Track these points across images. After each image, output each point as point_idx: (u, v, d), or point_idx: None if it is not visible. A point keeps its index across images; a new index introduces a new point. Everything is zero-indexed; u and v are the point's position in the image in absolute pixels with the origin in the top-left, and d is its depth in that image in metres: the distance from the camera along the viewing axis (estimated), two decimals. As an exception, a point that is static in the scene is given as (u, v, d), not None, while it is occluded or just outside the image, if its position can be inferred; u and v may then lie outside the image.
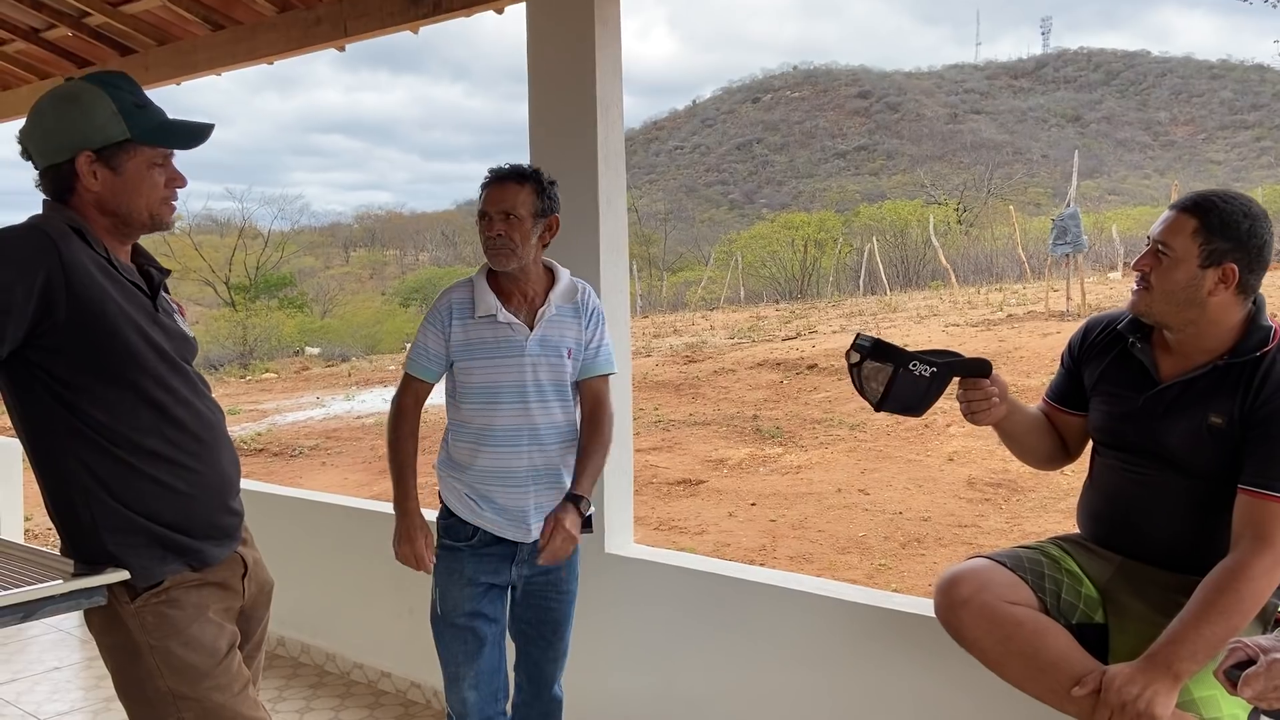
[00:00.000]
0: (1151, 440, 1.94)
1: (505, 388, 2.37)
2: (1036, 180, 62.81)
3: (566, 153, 2.93)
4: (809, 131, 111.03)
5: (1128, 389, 2.00)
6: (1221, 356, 1.88)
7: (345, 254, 68.88)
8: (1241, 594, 1.72)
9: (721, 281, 28.98)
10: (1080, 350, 2.15)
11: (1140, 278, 1.93)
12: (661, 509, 7.18)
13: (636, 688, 2.98)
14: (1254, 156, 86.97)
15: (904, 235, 29.11)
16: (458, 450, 2.46)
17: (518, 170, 2.38)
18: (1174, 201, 1.94)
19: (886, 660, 2.47)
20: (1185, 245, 1.86)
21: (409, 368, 2.46)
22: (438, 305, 2.43)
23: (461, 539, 2.44)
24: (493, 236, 2.34)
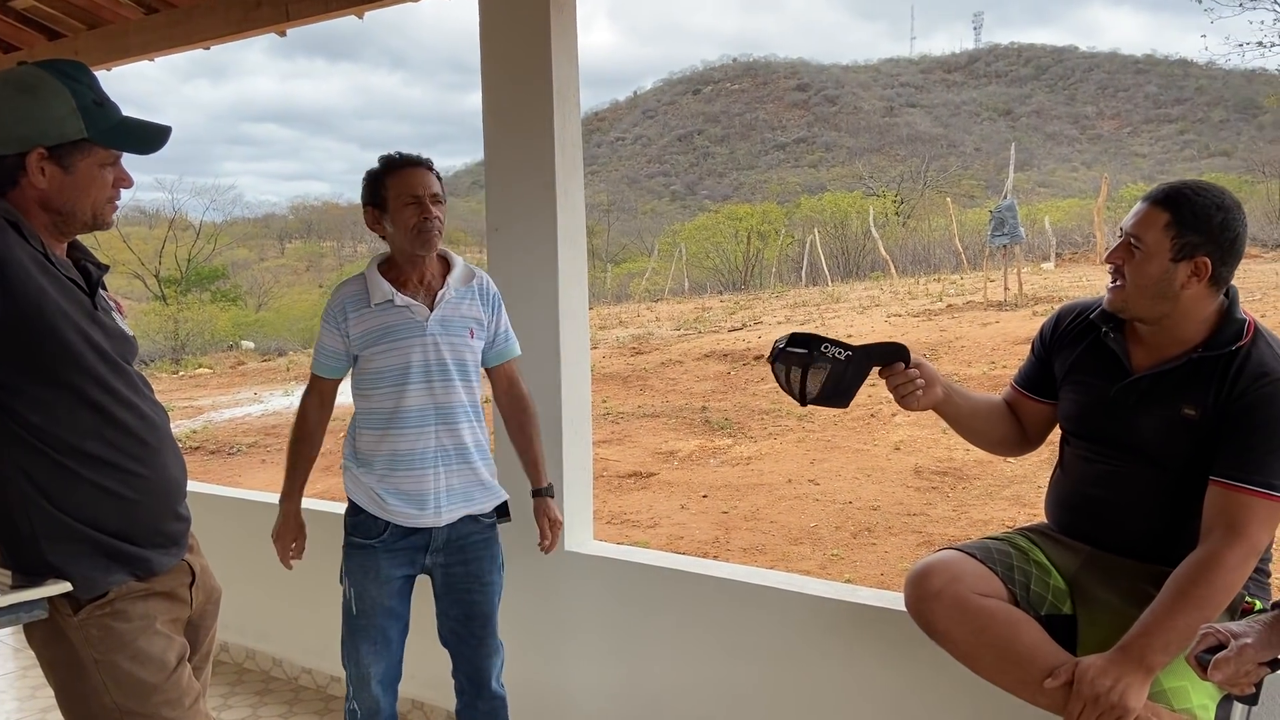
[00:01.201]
0: (1123, 431, 1.94)
1: (409, 369, 2.38)
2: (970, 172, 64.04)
3: (522, 142, 2.85)
4: (749, 123, 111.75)
5: (1099, 379, 1.99)
6: (1195, 349, 1.88)
7: (280, 246, 67.63)
8: (1214, 585, 1.73)
9: (665, 273, 29.00)
10: (1052, 338, 2.14)
11: (1114, 271, 1.92)
12: (613, 502, 7.14)
13: (597, 686, 2.94)
14: (1177, 150, 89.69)
15: (844, 227, 29.41)
16: (365, 440, 2.44)
17: (424, 158, 2.42)
18: (1146, 193, 1.93)
19: (850, 654, 2.46)
20: (1157, 239, 1.84)
21: (313, 367, 2.50)
22: (331, 304, 2.45)
23: (373, 536, 2.43)
24: (431, 219, 2.36)
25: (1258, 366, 1.81)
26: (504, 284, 2.95)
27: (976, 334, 11.74)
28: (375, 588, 2.43)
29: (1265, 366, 1.81)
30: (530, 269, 2.89)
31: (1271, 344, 1.85)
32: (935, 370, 2.06)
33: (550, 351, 2.87)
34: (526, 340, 2.92)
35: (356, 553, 2.46)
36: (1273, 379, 1.79)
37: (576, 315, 2.93)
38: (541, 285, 2.84)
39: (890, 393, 2.03)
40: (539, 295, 2.88)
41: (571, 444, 2.93)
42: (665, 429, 9.43)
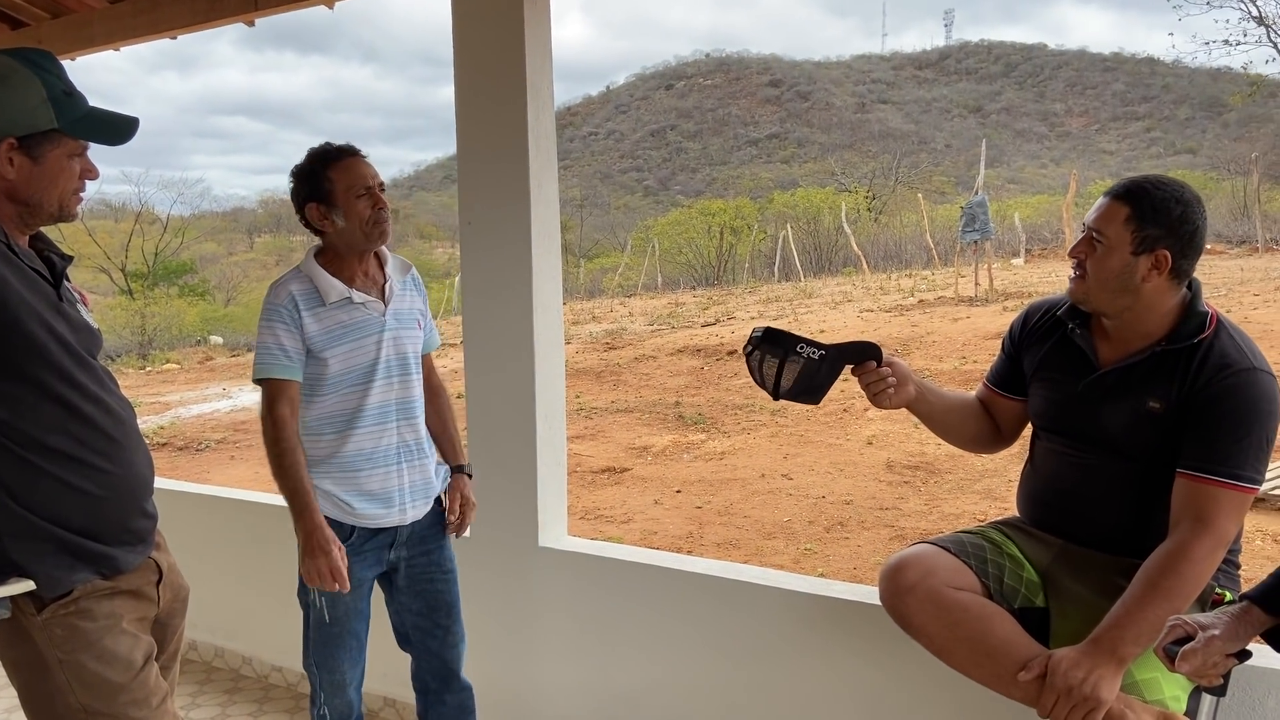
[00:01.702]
0: (1091, 425, 1.95)
1: (375, 366, 2.32)
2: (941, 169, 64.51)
3: (496, 135, 2.83)
4: (722, 119, 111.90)
5: (1067, 374, 2.01)
6: (1159, 343, 1.90)
7: (249, 240, 66.90)
8: (1183, 576, 1.74)
9: (639, 268, 28.98)
10: (1021, 336, 2.16)
11: (1076, 264, 1.94)
12: (587, 498, 7.12)
13: (570, 683, 2.93)
14: (1144, 147, 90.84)
15: (816, 222, 29.52)
16: (323, 444, 2.33)
17: (357, 148, 2.34)
18: (1108, 189, 1.94)
19: (824, 648, 2.46)
20: (1118, 232, 1.86)
21: (267, 373, 2.27)
22: (277, 302, 2.28)
23: (342, 538, 2.33)
24: (385, 210, 2.30)
25: (1220, 358, 1.83)
26: (477, 278, 2.93)
27: (948, 329, 11.82)
28: (348, 594, 2.32)
29: (1228, 358, 1.83)
30: (504, 263, 2.87)
31: (1234, 336, 1.87)
32: (908, 368, 2.07)
33: (524, 346, 2.84)
34: (500, 335, 2.90)
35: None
36: (1235, 370, 1.81)
37: (550, 309, 2.91)
38: (515, 279, 2.82)
39: (862, 391, 2.04)
40: (512, 289, 2.85)
41: (545, 439, 2.91)
42: (639, 424, 9.43)
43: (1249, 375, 1.81)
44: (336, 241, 2.31)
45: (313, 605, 2.36)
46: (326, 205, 2.27)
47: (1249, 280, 13.44)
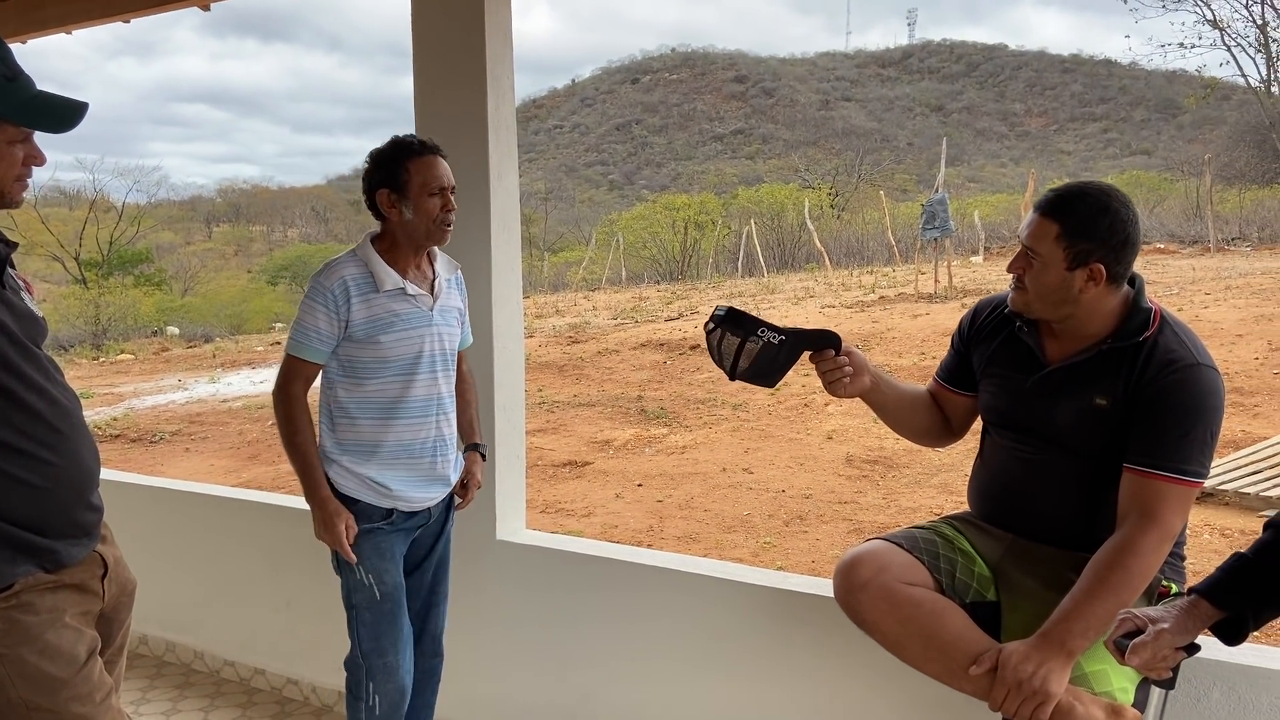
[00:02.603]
0: (1040, 421, 1.97)
1: (419, 358, 2.37)
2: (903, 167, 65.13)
3: (455, 124, 2.80)
4: (687, 114, 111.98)
5: (1016, 371, 2.04)
6: (1105, 340, 1.92)
7: (208, 229, 65.91)
8: (1131, 570, 1.76)
9: (603, 262, 28.91)
10: (970, 332, 2.18)
11: (1016, 279, 1.96)
12: (548, 491, 7.11)
13: (529, 675, 2.92)
14: (1101, 147, 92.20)
15: (780, 218, 29.63)
16: (362, 429, 2.36)
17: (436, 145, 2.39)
18: (1037, 201, 1.94)
19: (782, 641, 2.47)
20: (1051, 250, 1.87)
21: (296, 350, 2.32)
22: (326, 285, 2.30)
23: (378, 519, 2.39)
24: (453, 213, 2.35)
25: (1165, 354, 1.85)
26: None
27: (907, 325, 11.94)
28: (393, 566, 2.40)
29: (1172, 354, 1.85)
30: (462, 254, 2.83)
31: (1178, 332, 1.90)
32: (865, 359, 2.08)
33: (483, 339, 2.82)
34: (458, 326, 2.87)
35: (370, 535, 2.38)
36: (1179, 366, 1.83)
37: (510, 302, 2.90)
38: (474, 271, 2.80)
39: (819, 378, 2.06)
40: (471, 281, 2.82)
41: (504, 432, 2.89)
42: (601, 418, 9.42)
43: (1194, 371, 1.83)
44: (397, 232, 2.36)
45: (360, 586, 2.38)
46: (399, 195, 2.31)
47: (1201, 279, 13.71)
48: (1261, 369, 8.74)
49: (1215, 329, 10.00)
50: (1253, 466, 6.26)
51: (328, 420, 2.40)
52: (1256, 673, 1.91)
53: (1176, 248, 19.74)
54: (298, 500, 3.70)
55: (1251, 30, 26.91)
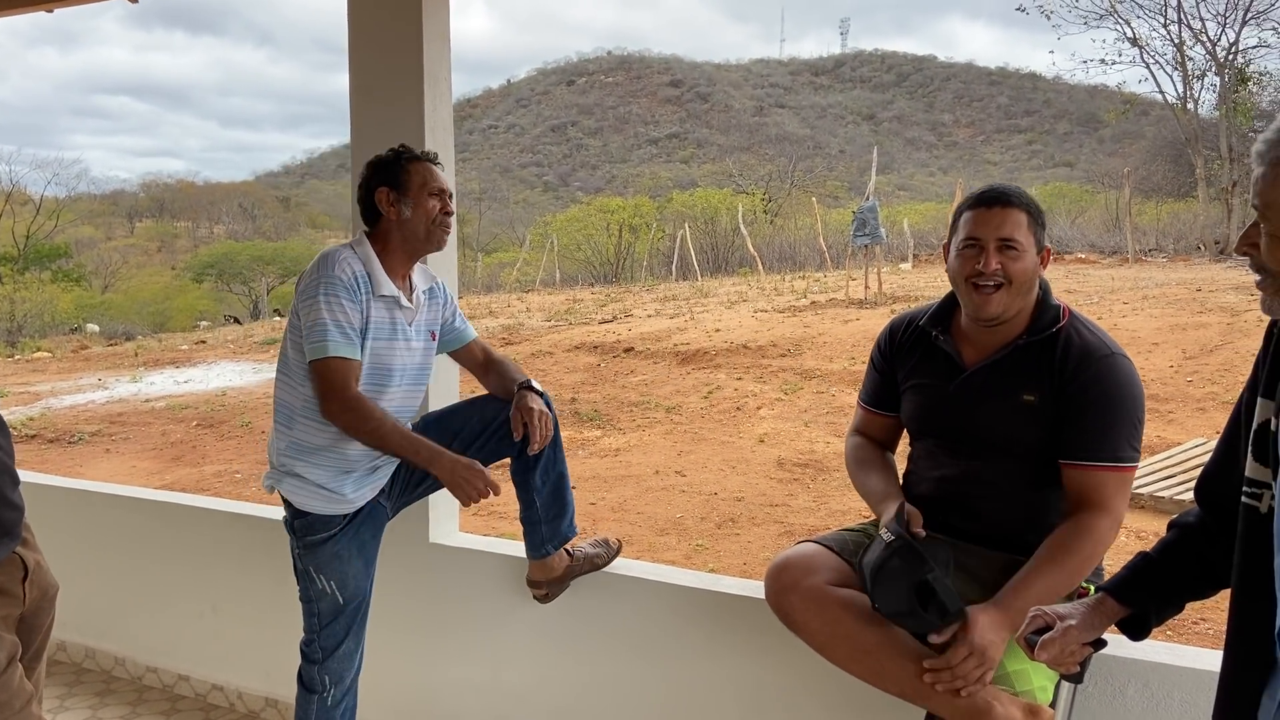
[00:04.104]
0: (968, 424, 2.03)
1: (394, 370, 2.33)
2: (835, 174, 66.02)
3: (391, 125, 2.77)
4: (623, 117, 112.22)
5: (938, 379, 2.09)
6: (1020, 337, 2.00)
7: (130, 224, 64.07)
8: (1084, 553, 1.86)
9: (537, 264, 28.81)
10: (890, 350, 2.23)
11: (994, 280, 1.94)
12: (480, 494, 7.05)
13: (463, 678, 2.90)
14: (1026, 159, 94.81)
15: (714, 223, 29.85)
16: (325, 433, 2.28)
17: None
18: (986, 197, 1.99)
19: (715, 642, 2.50)
20: (1026, 237, 1.96)
21: (337, 350, 2.18)
22: (341, 277, 2.21)
23: (334, 526, 2.34)
24: (448, 215, 2.34)
25: (1082, 347, 1.95)
26: (370, 269, 2.87)
27: (838, 330, 12.13)
28: (354, 569, 2.37)
29: (1089, 346, 1.95)
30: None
31: (1087, 325, 2.00)
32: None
33: (417, 339, 2.80)
34: (393, 327, 2.84)
35: (322, 547, 2.33)
36: (1098, 356, 1.93)
37: (445, 303, 2.88)
38: (409, 272, 2.77)
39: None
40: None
41: (438, 434, 2.87)
42: (535, 420, 9.37)
43: (1111, 361, 1.93)
44: (393, 233, 2.32)
45: (321, 595, 2.35)
46: (399, 193, 2.30)
47: (1119, 289, 14.19)
48: (1176, 376, 9.08)
49: (1133, 338, 10.36)
50: (1167, 471, 6.50)
51: (286, 421, 2.32)
52: (1169, 670, 1.99)
53: (1097, 258, 20.39)
54: (222, 503, 3.64)
55: (1169, 49, 27.88)
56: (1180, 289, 13.66)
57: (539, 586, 2.58)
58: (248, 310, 29.65)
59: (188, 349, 16.95)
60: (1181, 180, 30.12)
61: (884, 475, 2.18)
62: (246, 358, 15.16)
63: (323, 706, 2.39)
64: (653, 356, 11.86)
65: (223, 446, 9.33)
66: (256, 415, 10.45)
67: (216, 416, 10.55)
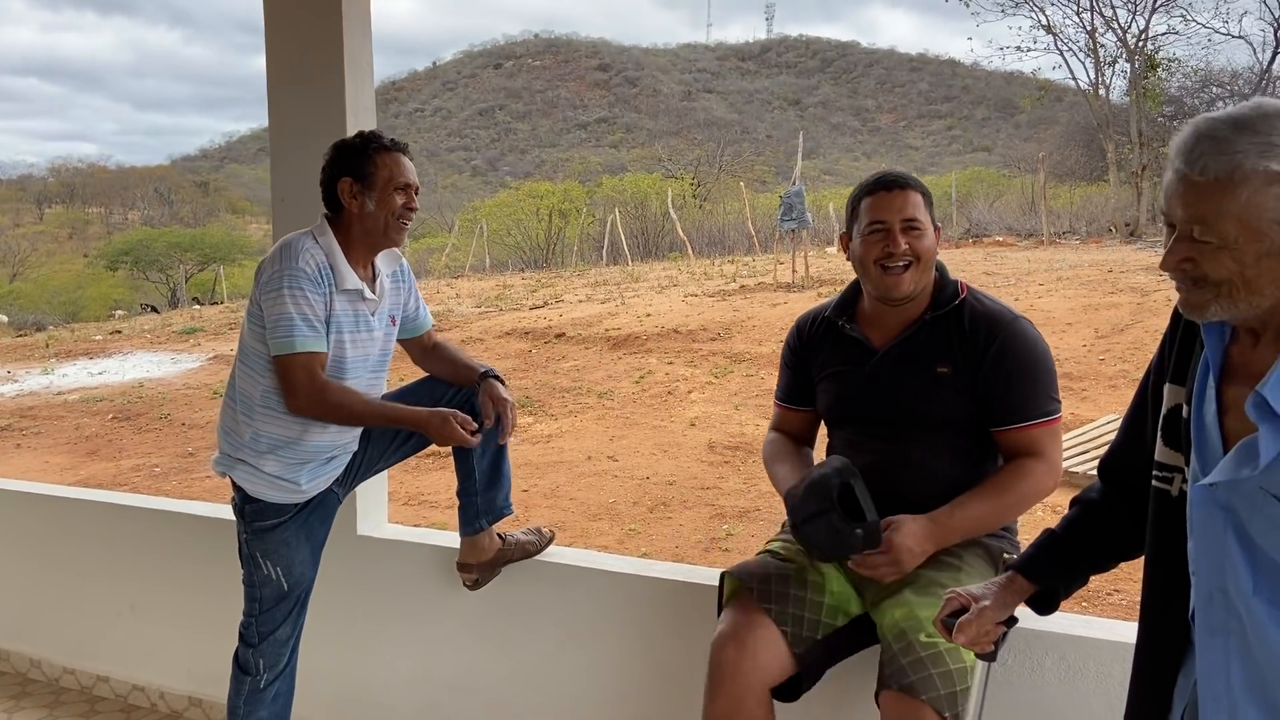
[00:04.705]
0: (887, 404, 2.07)
1: (354, 361, 2.30)
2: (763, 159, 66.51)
3: (311, 110, 2.71)
4: (551, 101, 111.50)
5: (850, 365, 2.13)
6: (924, 314, 2.07)
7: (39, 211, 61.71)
8: (1022, 491, 1.98)
9: (466, 249, 28.49)
10: (801, 347, 2.26)
11: (903, 260, 2.00)
12: (411, 483, 6.98)
13: (395, 671, 2.87)
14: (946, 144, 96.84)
15: (644, 207, 29.86)
16: (278, 424, 2.26)
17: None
18: (884, 181, 2.06)
19: (645, 627, 2.51)
20: (924, 216, 2.03)
21: (304, 345, 2.17)
22: (305, 269, 2.18)
23: (285, 514, 2.33)
24: (411, 210, 2.29)
25: (987, 316, 2.04)
26: (291, 257, 2.80)
27: (767, 314, 12.25)
28: (301, 556, 2.36)
29: (993, 314, 2.04)
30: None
31: (983, 296, 2.10)
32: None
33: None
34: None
35: (271, 533, 2.32)
36: (1003, 324, 2.02)
37: (370, 291, 2.83)
38: (332, 259, 2.72)
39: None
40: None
41: (365, 424, 2.83)
42: (465, 408, 9.30)
43: (1015, 325, 2.03)
44: (354, 225, 2.27)
45: (266, 580, 2.34)
46: (363, 185, 2.24)
47: (1035, 271, 14.58)
48: (1089, 355, 9.38)
49: (1048, 318, 10.67)
50: (1081, 447, 6.72)
51: (246, 410, 2.29)
52: (1085, 642, 2.05)
53: (1013, 240, 20.92)
54: (140, 499, 3.54)
55: (1082, 36, 28.65)
56: (1093, 270, 14.10)
57: (469, 571, 2.56)
58: (165, 299, 28.77)
59: (102, 339, 16.40)
60: (1094, 164, 31.05)
61: (796, 463, 2.22)
62: (164, 348, 14.74)
63: (255, 689, 2.39)
64: (584, 342, 11.85)
65: (141, 440, 9.06)
66: (176, 407, 10.18)
67: (134, 409, 10.24)
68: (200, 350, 14.24)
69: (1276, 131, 1.12)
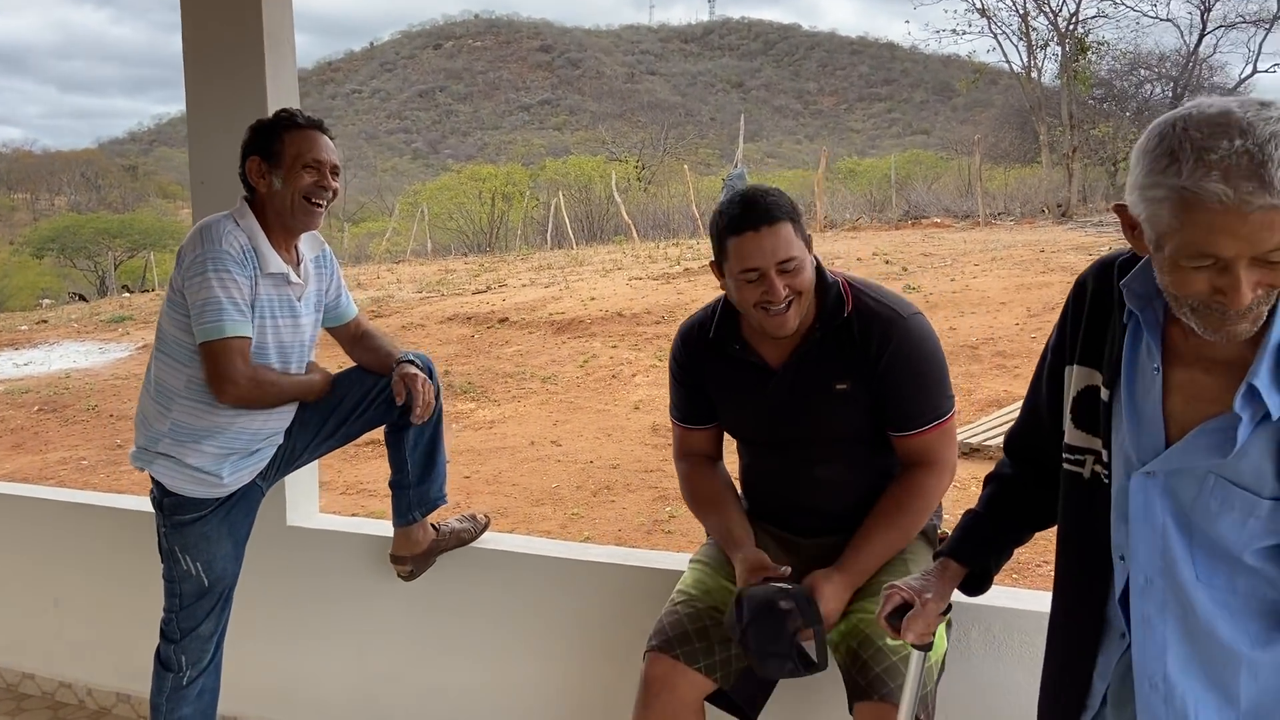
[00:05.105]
0: (793, 427, 2.01)
1: (282, 348, 2.25)
2: (706, 141, 66.65)
3: (231, 92, 2.63)
4: (493, 82, 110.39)
5: (749, 389, 2.03)
6: (813, 329, 1.96)
7: (-41, 197, 59.41)
8: (920, 511, 1.96)
9: (407, 233, 28.11)
10: (690, 362, 2.13)
11: (785, 302, 1.88)
12: (349, 472, 6.89)
13: (327, 663, 2.83)
14: (886, 126, 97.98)
15: (588, 190, 29.71)
16: (200, 412, 2.20)
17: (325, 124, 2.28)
18: (750, 219, 1.88)
19: (583, 613, 2.51)
20: (800, 247, 1.89)
21: (229, 330, 2.09)
22: (229, 250, 2.10)
23: (205, 508, 2.26)
24: (328, 191, 2.21)
25: (878, 323, 1.93)
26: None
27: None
28: (224, 550, 2.30)
29: (882, 318, 1.94)
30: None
31: (868, 292, 1.99)
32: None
33: (268, 315, 2.69)
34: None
35: (190, 527, 2.26)
36: (894, 328, 1.93)
37: (297, 277, 2.77)
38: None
39: None
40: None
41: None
42: (405, 394, 9.21)
43: (907, 326, 1.94)
44: (266, 206, 2.19)
45: (185, 576, 2.27)
46: (270, 164, 2.17)
47: (970, 251, 14.83)
48: (1021, 333, 9.57)
49: (983, 297, 10.87)
50: (1012, 422, 6.86)
51: (165, 401, 2.22)
52: (1009, 613, 2.09)
53: (951, 222, 21.23)
54: (65, 492, 3.45)
55: (1015, 19, 29.13)
56: (1026, 250, 14.38)
57: (403, 563, 2.53)
58: (94, 287, 27.98)
59: (28, 329, 15.91)
60: (1027, 147, 31.63)
61: (728, 513, 2.09)
62: (92, 337, 14.36)
63: (178, 685, 2.34)
64: (528, 326, 11.78)
65: (67, 432, 8.82)
66: (104, 398, 9.93)
67: (60, 400, 9.96)
68: (129, 339, 13.89)
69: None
